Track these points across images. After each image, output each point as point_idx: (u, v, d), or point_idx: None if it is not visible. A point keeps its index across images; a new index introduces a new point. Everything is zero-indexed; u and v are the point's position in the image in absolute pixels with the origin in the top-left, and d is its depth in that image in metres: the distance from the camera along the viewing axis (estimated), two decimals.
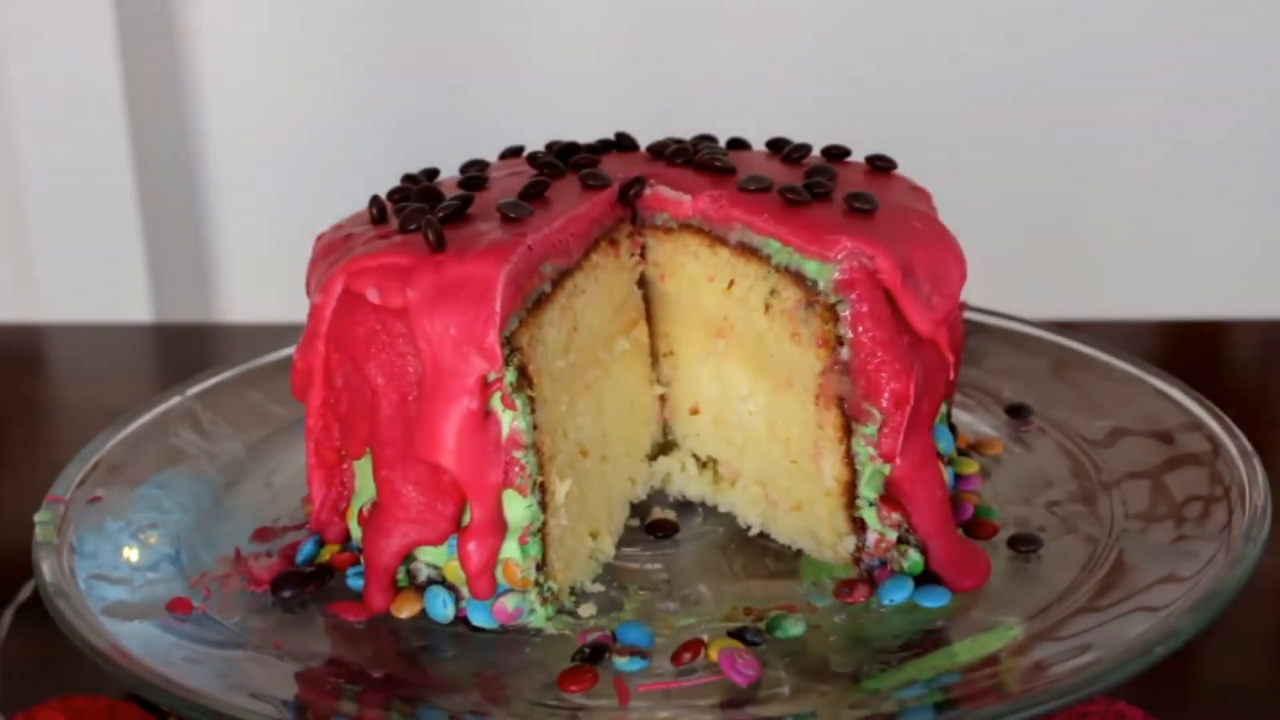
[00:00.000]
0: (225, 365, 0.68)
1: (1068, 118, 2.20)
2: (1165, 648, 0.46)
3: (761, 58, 2.13)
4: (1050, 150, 2.16)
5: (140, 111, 1.77)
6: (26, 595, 0.67)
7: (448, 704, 0.48)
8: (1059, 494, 0.58)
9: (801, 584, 0.55)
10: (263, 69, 2.08)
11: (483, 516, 0.51)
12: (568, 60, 2.09)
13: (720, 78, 2.14)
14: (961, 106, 2.01)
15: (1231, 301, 1.32)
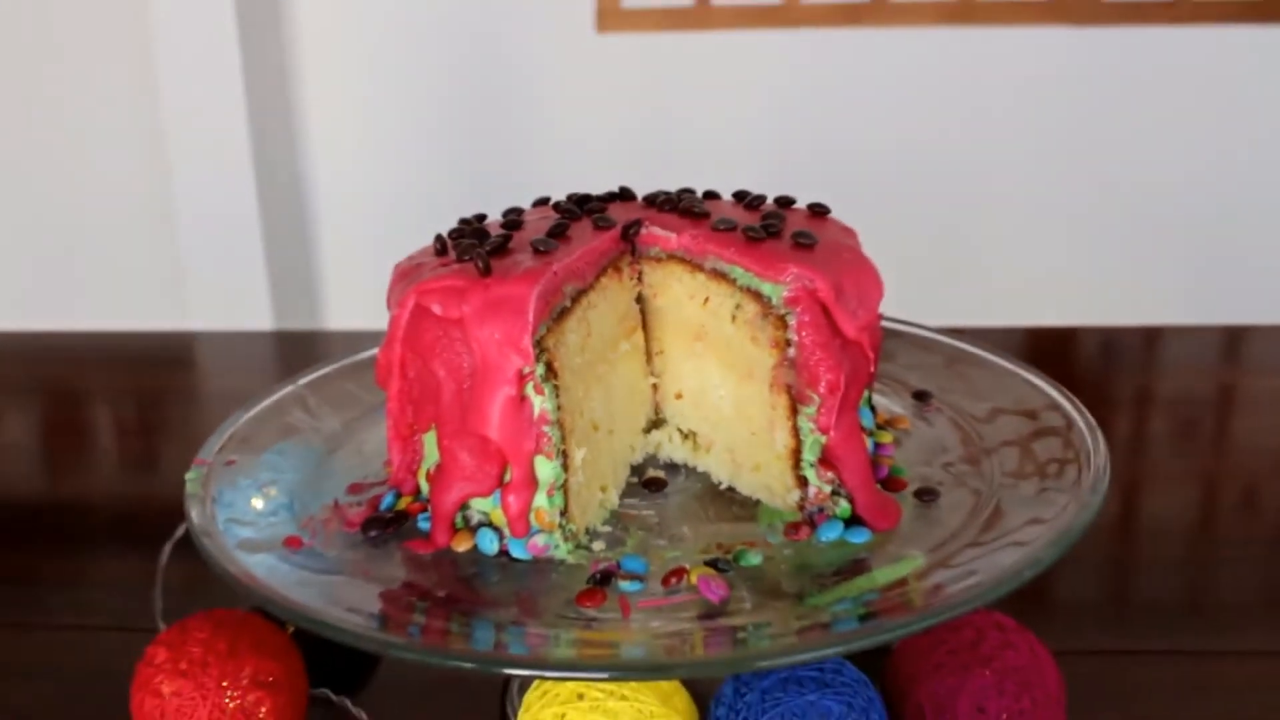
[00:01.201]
0: (327, 362, 0.68)
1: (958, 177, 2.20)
2: (1031, 572, 0.46)
3: (728, 133, 2.14)
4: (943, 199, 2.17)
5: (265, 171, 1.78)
6: (180, 534, 0.67)
7: (494, 616, 0.48)
8: (952, 457, 0.58)
9: (760, 525, 0.55)
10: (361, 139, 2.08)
11: (519, 475, 0.51)
12: (586, 134, 2.09)
13: (697, 147, 2.15)
14: (878, 168, 2.01)
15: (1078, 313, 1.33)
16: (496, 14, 2.19)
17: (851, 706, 0.47)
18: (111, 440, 0.88)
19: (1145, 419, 0.85)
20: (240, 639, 0.52)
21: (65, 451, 0.87)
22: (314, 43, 2.17)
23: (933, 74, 2.25)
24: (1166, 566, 0.68)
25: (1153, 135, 2.24)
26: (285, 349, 1.05)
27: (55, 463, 0.85)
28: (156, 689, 0.51)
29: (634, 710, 0.47)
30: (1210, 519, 0.73)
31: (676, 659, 0.44)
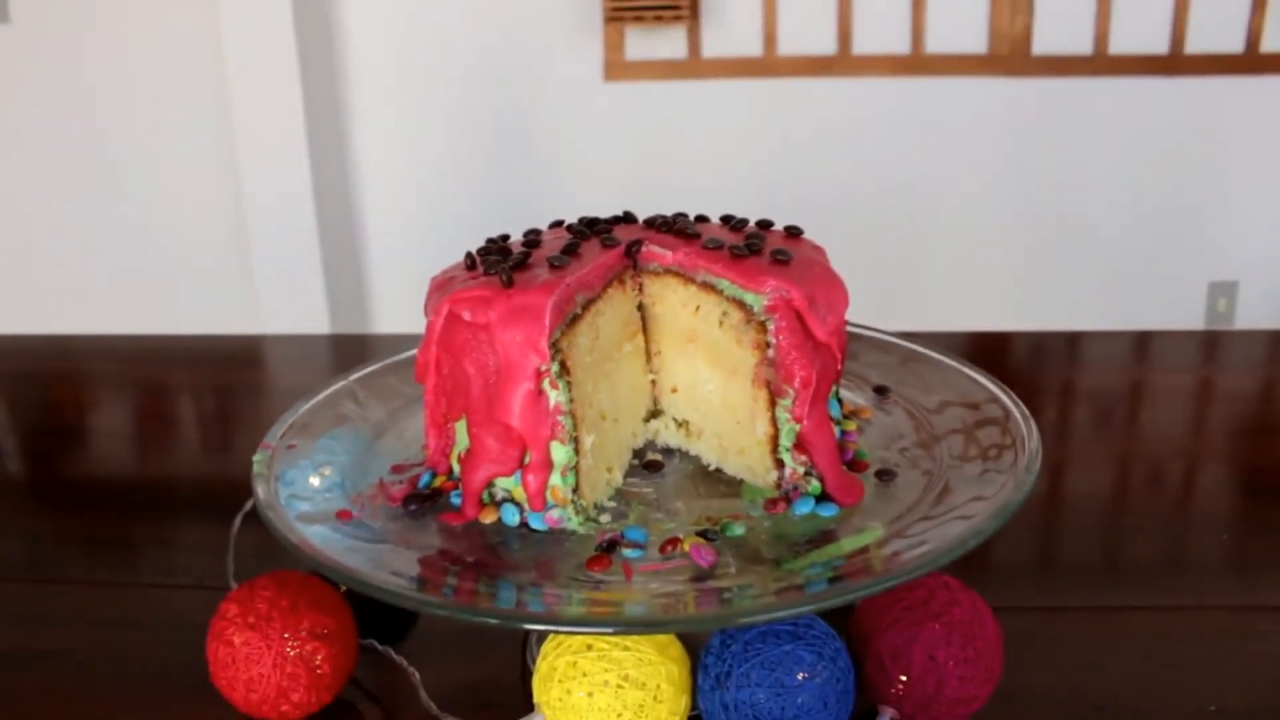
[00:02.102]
0: (373, 360, 0.67)
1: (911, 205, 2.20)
2: (975, 541, 0.46)
3: (717, 165, 2.13)
4: (898, 224, 2.17)
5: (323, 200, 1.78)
6: (249, 507, 0.66)
7: (515, 579, 0.47)
8: (907, 443, 0.57)
9: (743, 502, 0.54)
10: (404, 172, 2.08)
11: (538, 458, 0.50)
12: (595, 167, 2.09)
13: (690, 177, 2.14)
14: (843, 197, 2.00)
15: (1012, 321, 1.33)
16: (520, 65, 2.20)
17: (821, 656, 0.47)
18: (192, 427, 0.88)
19: (1069, 409, 0.84)
20: (300, 597, 0.52)
21: (153, 436, 0.86)
22: (365, 86, 2.18)
23: (889, 116, 2.26)
24: (1086, 534, 0.68)
25: (1075, 172, 2.24)
26: (340, 349, 1.05)
27: (145, 446, 0.85)
28: (229, 639, 0.51)
29: (635, 659, 0.46)
30: (1123, 494, 0.73)
31: (672, 616, 0.43)
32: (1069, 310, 2.22)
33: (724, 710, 0.47)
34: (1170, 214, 2.22)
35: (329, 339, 1.07)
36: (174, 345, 1.03)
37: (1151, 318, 2.18)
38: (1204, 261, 2.22)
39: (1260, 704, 0.52)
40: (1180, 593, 0.61)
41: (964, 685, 0.49)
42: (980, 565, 0.64)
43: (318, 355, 0.66)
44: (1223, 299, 2.24)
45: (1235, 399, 0.86)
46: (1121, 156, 2.20)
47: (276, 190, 1.77)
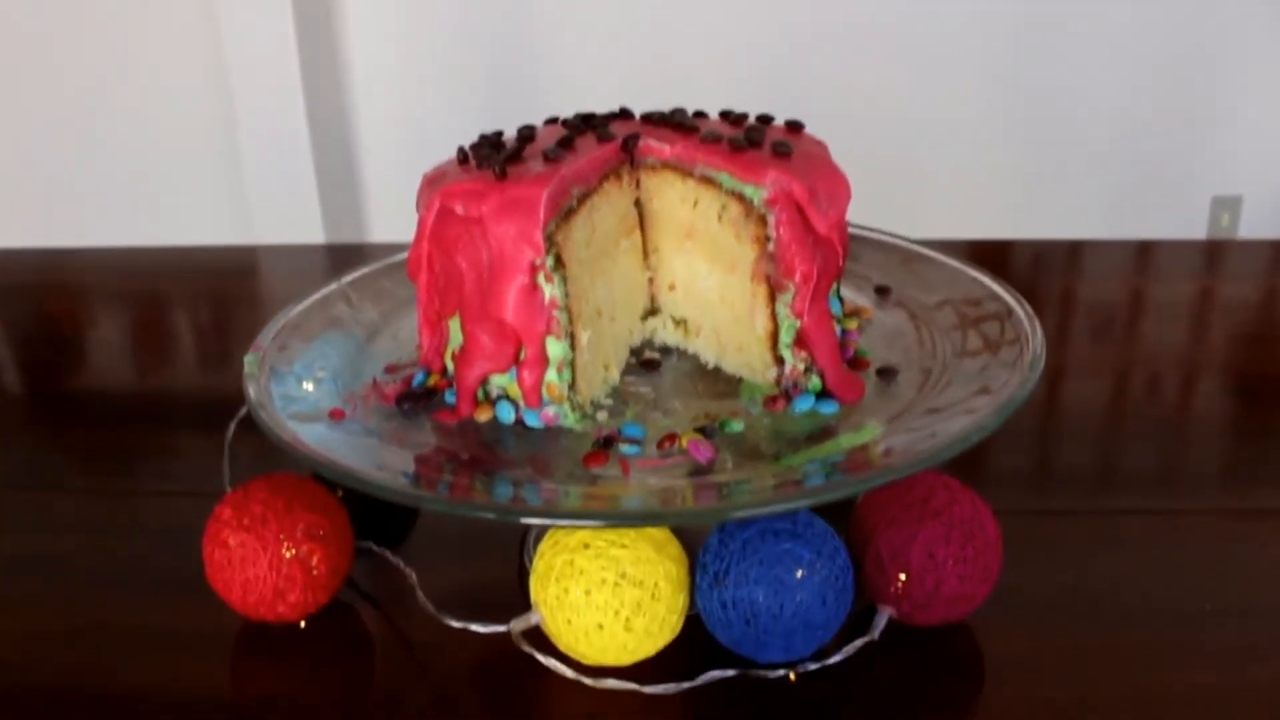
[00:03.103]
0: (365, 263, 0.65)
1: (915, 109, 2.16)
2: (978, 436, 0.44)
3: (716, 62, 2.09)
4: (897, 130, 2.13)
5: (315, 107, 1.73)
6: (244, 413, 0.65)
7: (511, 475, 0.46)
8: (908, 342, 0.56)
9: (742, 399, 0.53)
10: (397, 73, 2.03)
11: (533, 353, 0.48)
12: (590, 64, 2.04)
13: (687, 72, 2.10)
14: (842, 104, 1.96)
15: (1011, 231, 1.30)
16: None
17: (820, 554, 0.46)
18: (188, 338, 0.86)
19: (1069, 317, 0.83)
20: (295, 499, 0.51)
21: (149, 348, 0.85)
22: None
23: (890, 20, 2.20)
24: (1084, 440, 0.67)
25: (1077, 81, 2.20)
26: (335, 259, 1.02)
27: (141, 357, 0.83)
28: (224, 541, 0.50)
29: (633, 557, 0.45)
30: (1120, 401, 0.72)
31: (669, 509, 0.42)
32: (1070, 226, 2.19)
33: (722, 608, 0.46)
34: (1173, 127, 2.18)
35: (324, 249, 1.05)
36: (168, 257, 1.01)
37: (1154, 233, 2.15)
38: (1207, 176, 2.18)
39: (1256, 605, 0.51)
40: (1177, 497, 0.60)
41: (963, 584, 0.48)
42: (978, 469, 0.63)
43: (313, 265, 0.64)
44: (1226, 214, 2.21)
45: (1236, 308, 0.85)
46: (1125, 68, 2.16)
47: (267, 96, 1.73)
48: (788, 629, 0.45)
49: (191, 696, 0.48)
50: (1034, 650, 0.49)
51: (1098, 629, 0.50)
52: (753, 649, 0.46)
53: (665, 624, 0.46)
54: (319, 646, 0.51)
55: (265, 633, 0.52)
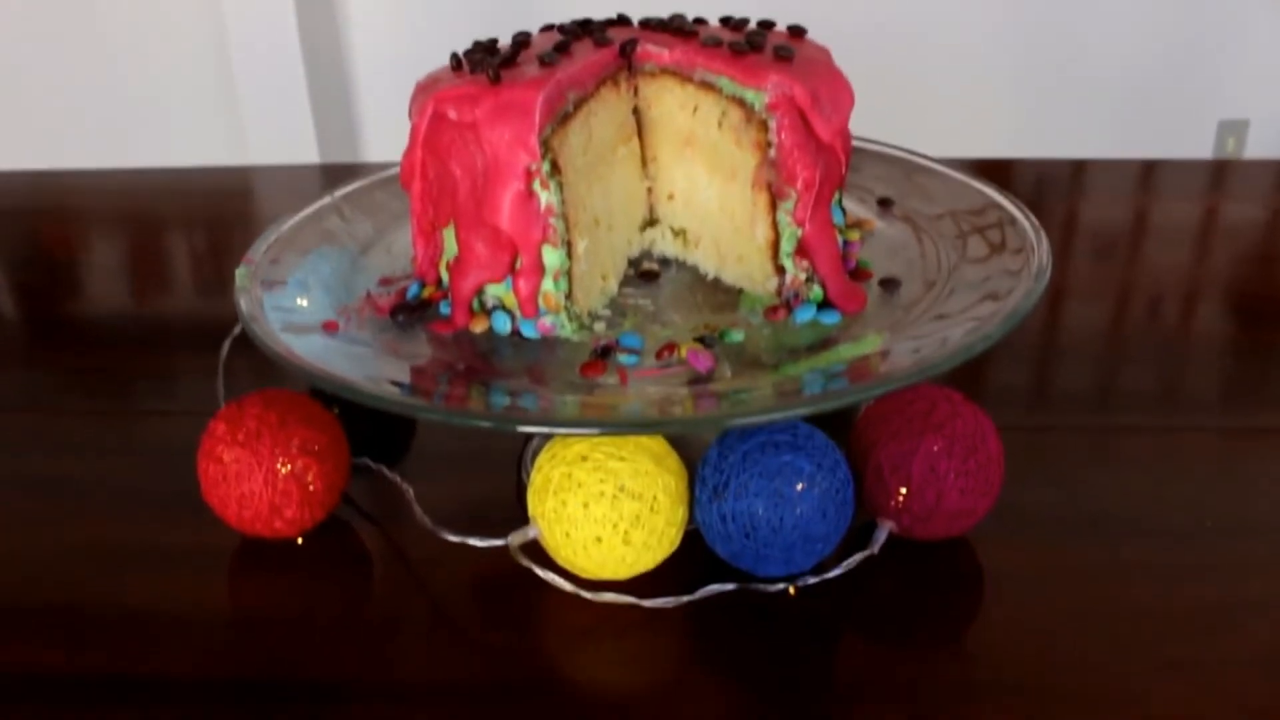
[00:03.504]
0: (359, 177, 0.64)
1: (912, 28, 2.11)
2: (982, 345, 0.43)
3: None
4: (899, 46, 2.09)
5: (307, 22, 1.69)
6: (238, 331, 0.64)
7: (507, 385, 0.45)
8: (911, 254, 0.54)
9: (742, 310, 0.52)
10: None
11: (529, 262, 0.47)
12: None
13: None
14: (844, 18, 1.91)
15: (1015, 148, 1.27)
16: None
17: (820, 466, 0.45)
18: (183, 260, 0.85)
19: (1071, 237, 0.81)
20: (289, 413, 0.50)
21: (144, 270, 0.83)
22: None
23: None
24: (1085, 359, 0.66)
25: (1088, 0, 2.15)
26: (330, 179, 0.99)
27: (136, 279, 0.82)
28: (218, 457, 0.49)
29: (631, 469, 0.44)
30: (1121, 321, 0.71)
31: (668, 416, 0.41)
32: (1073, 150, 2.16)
33: (721, 521, 0.45)
34: (1180, 49, 2.14)
35: (319, 169, 1.03)
36: (161, 179, 0.99)
37: (1157, 147, 2.12)
38: (1213, 99, 2.15)
39: (1256, 521, 0.51)
40: (1179, 415, 0.60)
41: (964, 498, 0.47)
42: (979, 387, 0.62)
43: (308, 185, 0.63)
44: (1232, 138, 2.18)
45: (1241, 228, 0.83)
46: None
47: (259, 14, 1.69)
48: (787, 542, 0.45)
49: (191, 613, 0.48)
50: (1034, 565, 0.49)
51: (1098, 545, 0.50)
52: (752, 562, 0.46)
53: (664, 537, 0.45)
54: (317, 562, 0.51)
55: (263, 549, 0.51)
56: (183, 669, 0.45)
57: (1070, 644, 0.44)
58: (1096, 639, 0.45)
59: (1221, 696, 0.42)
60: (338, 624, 0.47)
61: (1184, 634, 0.45)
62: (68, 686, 0.44)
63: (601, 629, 0.46)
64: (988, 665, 0.44)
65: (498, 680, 0.44)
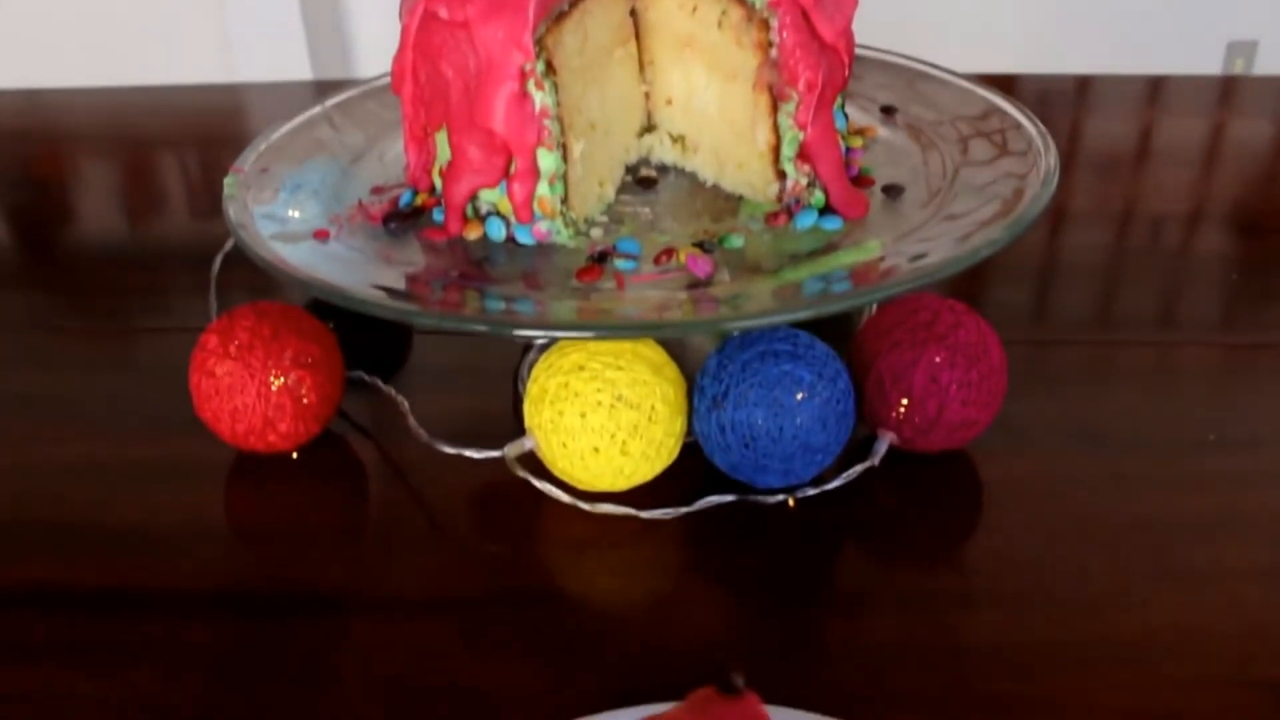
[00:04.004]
0: (350, 87, 0.62)
1: None
2: (988, 249, 0.42)
3: None
4: None
5: None
6: (229, 246, 0.63)
7: (502, 291, 0.44)
8: (915, 161, 0.53)
9: (741, 217, 0.50)
10: None
11: (523, 166, 0.46)
12: None
13: None
14: None
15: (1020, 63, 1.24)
16: None
17: (821, 376, 0.44)
18: (174, 178, 0.83)
19: (1076, 152, 0.80)
20: (282, 326, 0.49)
21: (135, 188, 0.82)
22: None
23: None
24: (1088, 273, 0.65)
25: None
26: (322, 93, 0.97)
27: (127, 198, 0.80)
28: (210, 370, 0.48)
29: (629, 379, 0.43)
30: (1126, 235, 0.70)
31: (666, 318, 0.40)
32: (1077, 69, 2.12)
33: (720, 431, 0.44)
34: None
35: (311, 85, 1.01)
36: (150, 97, 0.97)
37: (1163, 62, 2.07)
38: (1222, 18, 2.10)
39: (1258, 435, 0.50)
40: (1182, 330, 0.59)
41: (965, 409, 0.46)
42: (980, 301, 0.61)
43: (300, 102, 0.61)
44: (1240, 59, 2.14)
45: (1248, 144, 0.82)
46: None
47: None
48: (787, 452, 0.44)
49: (186, 527, 0.47)
50: (1034, 477, 0.48)
51: (1099, 458, 0.49)
52: (751, 473, 0.45)
53: (662, 448, 0.45)
54: (312, 476, 0.50)
55: (258, 464, 0.51)
56: (178, 582, 0.45)
57: (1069, 554, 0.44)
58: (1096, 549, 0.44)
59: (1219, 606, 0.41)
60: (334, 537, 0.47)
61: (1183, 545, 0.44)
62: (63, 601, 0.44)
63: (600, 541, 0.46)
64: (986, 575, 0.44)
65: (495, 591, 0.44)
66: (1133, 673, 0.39)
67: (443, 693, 0.39)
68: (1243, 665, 0.39)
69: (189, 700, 0.39)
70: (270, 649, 0.41)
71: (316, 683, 0.40)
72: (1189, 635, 0.40)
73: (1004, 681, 0.39)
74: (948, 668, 0.40)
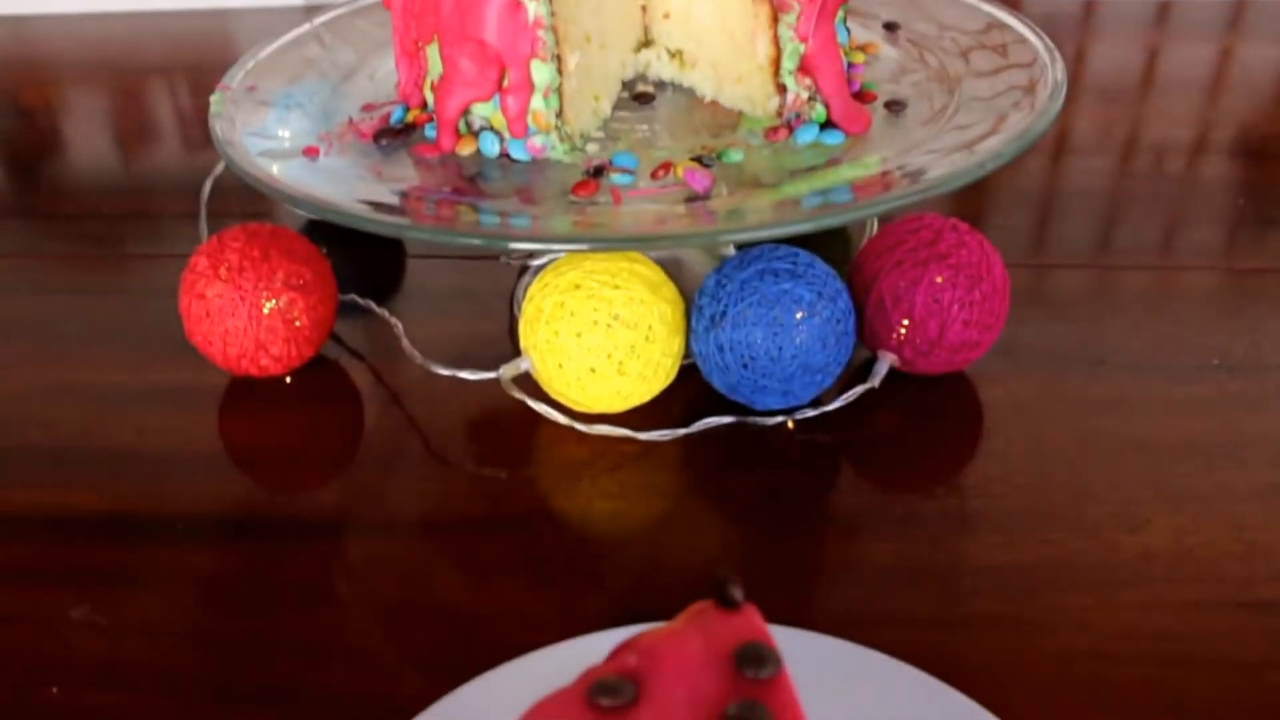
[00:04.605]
0: (339, 5, 0.60)
1: None
2: (993, 164, 0.41)
3: None
4: None
5: None
6: (219, 170, 0.62)
7: (496, 206, 0.43)
8: (918, 77, 0.52)
9: (741, 132, 0.49)
10: None
11: (517, 78, 0.44)
12: None
13: None
14: None
15: None
16: None
17: (821, 295, 0.43)
18: (165, 104, 0.81)
19: (1081, 77, 0.78)
20: (273, 247, 0.48)
21: (127, 115, 0.80)
22: None
23: None
24: (1092, 196, 0.63)
25: None
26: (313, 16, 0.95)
27: (119, 124, 0.79)
28: (200, 293, 0.47)
29: (626, 298, 0.42)
30: (1131, 158, 0.68)
31: (663, 230, 0.39)
32: None
33: (719, 351, 0.44)
34: None
35: (302, 10, 0.98)
36: (137, 23, 0.94)
37: None
38: None
39: (1262, 359, 0.49)
40: (1185, 254, 0.58)
41: (967, 329, 0.45)
42: (981, 225, 0.59)
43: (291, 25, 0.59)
44: None
45: (1256, 68, 0.80)
46: None
47: None
48: (786, 373, 0.43)
49: (179, 452, 0.47)
50: (1035, 400, 0.47)
51: (1101, 381, 0.48)
52: (750, 394, 0.44)
53: (659, 368, 0.44)
54: (306, 400, 0.49)
55: (251, 388, 0.50)
56: (173, 507, 0.44)
57: (1070, 476, 0.44)
58: (1097, 471, 0.44)
59: (1221, 528, 0.41)
60: (328, 460, 0.46)
61: (1184, 467, 0.44)
62: (56, 525, 0.43)
63: (597, 463, 0.45)
64: (987, 497, 0.43)
65: (491, 514, 0.43)
66: (1132, 593, 0.39)
67: (440, 614, 0.39)
68: (1242, 586, 0.39)
69: (184, 623, 0.39)
70: (265, 572, 0.41)
71: (312, 605, 0.39)
72: (1189, 556, 0.40)
73: (1002, 602, 0.38)
74: (946, 588, 0.39)
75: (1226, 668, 0.36)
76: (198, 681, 0.37)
